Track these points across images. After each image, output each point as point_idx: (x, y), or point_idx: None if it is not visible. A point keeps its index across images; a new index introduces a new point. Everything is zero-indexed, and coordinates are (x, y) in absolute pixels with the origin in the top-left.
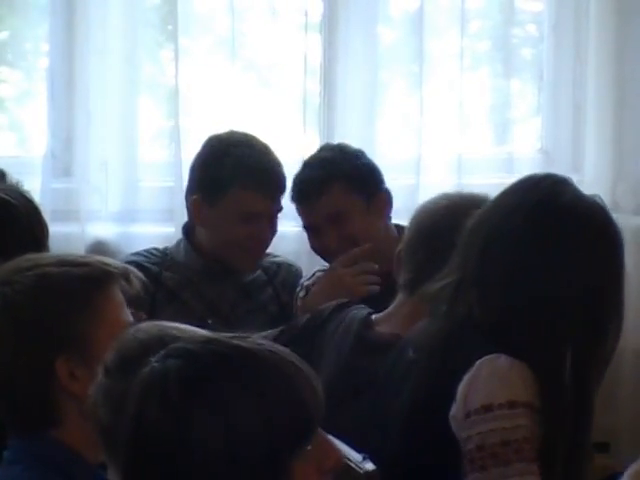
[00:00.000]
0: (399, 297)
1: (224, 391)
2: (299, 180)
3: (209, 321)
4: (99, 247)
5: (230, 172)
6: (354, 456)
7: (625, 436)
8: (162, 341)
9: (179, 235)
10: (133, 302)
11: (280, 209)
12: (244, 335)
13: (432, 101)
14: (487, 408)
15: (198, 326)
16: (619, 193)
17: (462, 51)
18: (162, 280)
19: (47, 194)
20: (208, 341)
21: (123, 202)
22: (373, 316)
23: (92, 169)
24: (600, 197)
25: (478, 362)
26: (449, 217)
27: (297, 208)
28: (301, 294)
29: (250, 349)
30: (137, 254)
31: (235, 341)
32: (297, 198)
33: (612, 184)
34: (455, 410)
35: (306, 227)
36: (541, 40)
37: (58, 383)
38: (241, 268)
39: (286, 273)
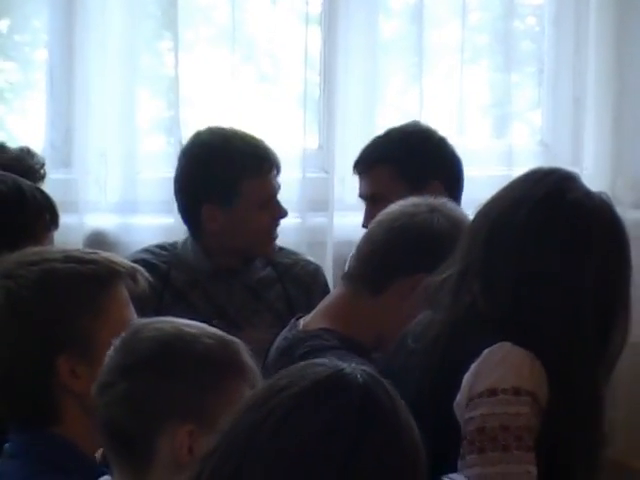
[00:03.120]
0: (338, 290)
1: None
2: (361, 151)
3: (214, 322)
4: (98, 238)
5: (235, 168)
6: None
7: (621, 430)
8: (182, 339)
9: (178, 226)
10: (139, 301)
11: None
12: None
13: (432, 93)
14: (491, 392)
15: None
16: (618, 186)
17: (462, 43)
18: (170, 279)
19: (46, 185)
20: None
21: (122, 193)
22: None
23: (91, 160)
24: (606, 194)
25: (486, 350)
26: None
27: None
28: None
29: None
30: (146, 251)
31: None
32: (353, 167)
33: (611, 177)
34: (460, 397)
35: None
36: (541, 33)
37: (59, 380)
38: (268, 253)
39: (300, 269)
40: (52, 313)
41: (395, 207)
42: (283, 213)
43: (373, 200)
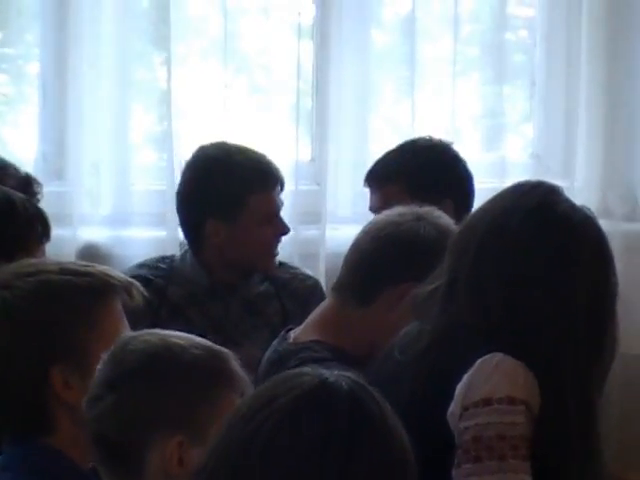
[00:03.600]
0: (328, 301)
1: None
2: (373, 164)
3: (208, 337)
4: (91, 251)
5: (241, 182)
6: None
7: (615, 442)
8: (170, 350)
9: (171, 239)
10: (133, 315)
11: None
12: None
13: (424, 106)
14: (486, 402)
15: None
16: (610, 198)
17: (454, 56)
18: (167, 295)
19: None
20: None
21: (115, 206)
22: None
23: (84, 172)
24: (589, 209)
25: (479, 361)
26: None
27: None
28: None
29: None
30: (143, 266)
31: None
32: (365, 180)
33: (603, 190)
34: (453, 407)
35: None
36: (533, 46)
37: (52, 391)
38: (269, 269)
39: (299, 283)
40: (47, 324)
41: (381, 217)
42: (286, 230)
43: None
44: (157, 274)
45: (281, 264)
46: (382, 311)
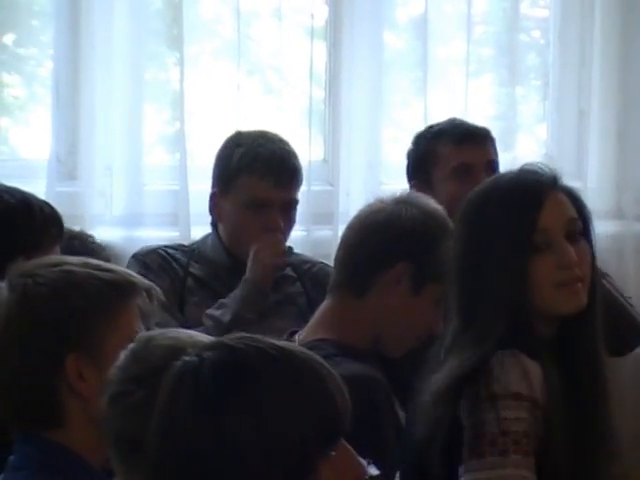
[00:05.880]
0: (326, 301)
1: (259, 383)
2: None
3: None
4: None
5: (238, 160)
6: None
7: (627, 442)
8: (197, 346)
9: (183, 239)
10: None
11: (296, 201)
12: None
13: (437, 107)
14: (492, 397)
15: None
16: (623, 200)
17: (467, 57)
18: (190, 270)
19: (51, 198)
20: (244, 337)
21: (128, 206)
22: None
23: (97, 173)
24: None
25: (492, 359)
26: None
27: None
28: None
29: (285, 346)
30: (166, 246)
31: (270, 339)
32: None
33: (616, 190)
34: (463, 402)
35: None
36: (546, 46)
37: (66, 381)
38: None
39: (319, 270)
40: (67, 312)
41: (363, 209)
42: (271, 224)
43: None
44: (179, 253)
45: (297, 254)
46: (380, 297)
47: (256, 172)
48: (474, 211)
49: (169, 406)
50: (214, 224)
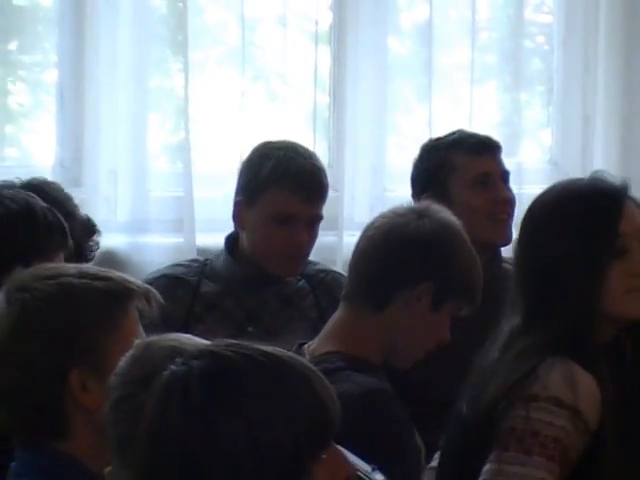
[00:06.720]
0: (339, 311)
1: (248, 389)
2: None
3: (249, 329)
4: (108, 257)
5: (268, 172)
6: (363, 466)
7: None
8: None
9: (188, 245)
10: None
11: (320, 217)
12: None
13: (441, 113)
14: (534, 398)
15: (238, 335)
16: None
17: (472, 63)
18: (201, 291)
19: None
20: (231, 344)
21: (132, 212)
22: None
23: (101, 179)
24: None
25: (542, 364)
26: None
27: None
28: None
29: (273, 352)
30: (177, 265)
31: (257, 345)
32: None
33: None
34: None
35: None
36: (550, 52)
37: (69, 394)
38: (280, 273)
39: (332, 280)
40: (67, 325)
41: (381, 219)
42: (295, 238)
43: None
44: (189, 272)
45: (313, 263)
46: (398, 314)
47: (286, 186)
48: (548, 215)
49: (159, 414)
50: (227, 240)
